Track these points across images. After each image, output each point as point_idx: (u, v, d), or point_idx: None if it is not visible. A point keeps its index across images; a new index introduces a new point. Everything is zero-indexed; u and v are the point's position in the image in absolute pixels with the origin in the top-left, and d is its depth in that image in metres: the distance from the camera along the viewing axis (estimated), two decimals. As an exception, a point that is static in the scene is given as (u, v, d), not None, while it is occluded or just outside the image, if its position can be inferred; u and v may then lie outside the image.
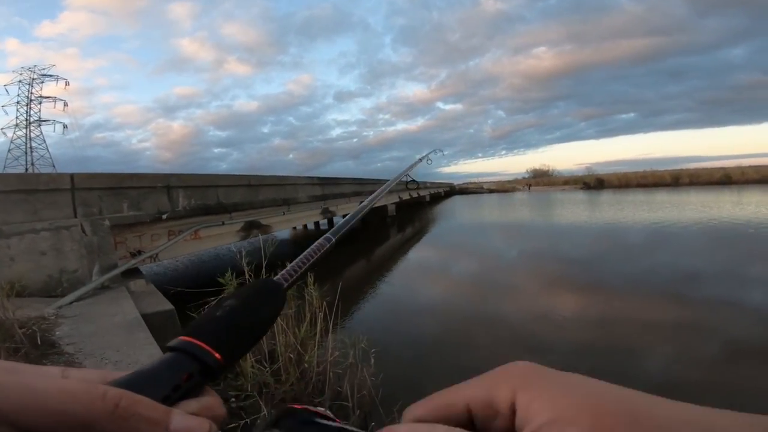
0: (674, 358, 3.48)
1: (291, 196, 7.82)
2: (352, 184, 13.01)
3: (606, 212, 17.01)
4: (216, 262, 8.91)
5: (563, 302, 5.27)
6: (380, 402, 2.46)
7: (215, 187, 5.08)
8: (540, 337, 4.13)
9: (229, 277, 3.33)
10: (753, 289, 5.30)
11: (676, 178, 36.49)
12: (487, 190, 49.05)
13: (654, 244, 9.31)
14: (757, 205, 15.71)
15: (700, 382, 3.00)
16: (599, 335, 4.08)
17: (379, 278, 7.10)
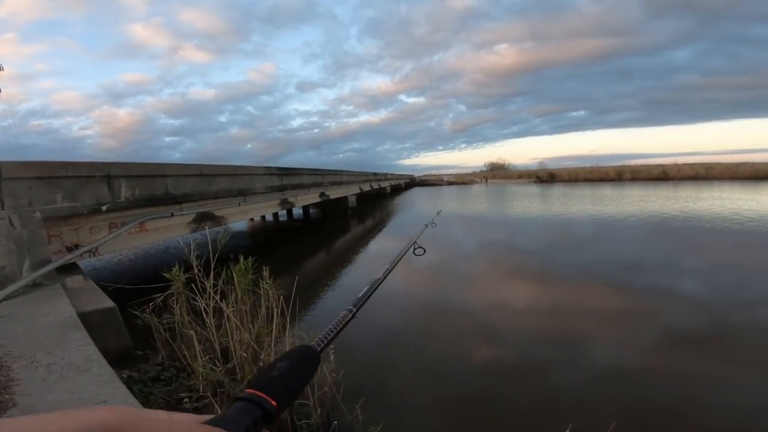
0: (617, 344, 3.71)
1: (247, 186, 7.56)
2: (312, 174, 12.80)
3: (556, 205, 17.96)
4: (164, 255, 8.48)
5: (517, 290, 5.54)
6: (342, 399, 2.43)
7: (163, 176, 4.80)
8: (497, 325, 4.30)
9: (176, 272, 3.16)
10: (681, 277, 5.84)
11: (620, 173, 39.14)
12: (447, 183, 50.10)
13: (596, 235, 9.98)
14: (686, 200, 17.25)
15: (642, 368, 3.20)
16: (550, 323, 4.30)
17: (339, 271, 7.08)
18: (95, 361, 1.86)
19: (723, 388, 2.90)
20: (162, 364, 2.88)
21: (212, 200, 6.16)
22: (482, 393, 2.93)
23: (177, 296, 3.06)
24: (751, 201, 15.98)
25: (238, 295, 3.00)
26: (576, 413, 2.61)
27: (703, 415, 2.59)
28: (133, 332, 3.09)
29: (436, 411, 2.74)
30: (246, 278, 3.23)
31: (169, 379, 2.70)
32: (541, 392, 2.92)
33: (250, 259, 3.33)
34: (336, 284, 6.17)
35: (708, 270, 6.27)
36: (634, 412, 2.64)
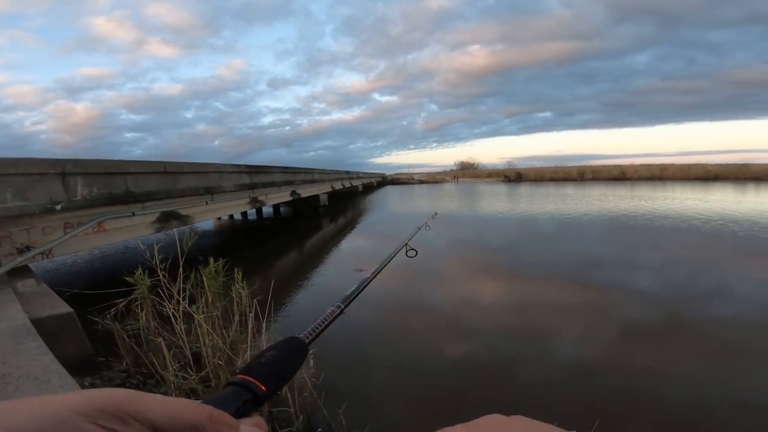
0: (579, 339, 3.88)
1: (215, 184, 7.30)
2: (284, 173, 12.54)
3: (522, 203, 18.54)
4: (124, 257, 8.06)
5: (485, 287, 5.67)
6: (324, 404, 2.37)
7: (123, 174, 4.53)
8: (467, 321, 4.39)
9: (140, 276, 2.99)
10: (635, 272, 6.19)
11: (582, 173, 40.94)
12: (418, 181, 50.58)
13: (559, 233, 10.40)
14: (641, 200, 18.29)
15: (603, 362, 3.37)
16: (517, 319, 4.45)
17: (311, 271, 6.98)
18: (54, 371, 1.73)
19: (675, 379, 3.08)
20: (127, 371, 2.73)
21: (178, 199, 5.90)
22: (462, 389, 2.99)
23: (142, 301, 2.91)
24: (700, 201, 17.13)
25: (208, 299, 2.89)
26: (544, 403, 2.73)
27: (657, 404, 2.75)
28: (94, 339, 2.90)
29: (414, 408, 2.77)
30: (216, 281, 3.11)
31: (135, 386, 2.56)
32: (513, 386, 3.02)
33: (220, 261, 3.21)
34: (309, 284, 6.08)
35: (659, 265, 6.68)
36: (597, 402, 2.76)
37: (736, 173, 35.04)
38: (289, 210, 17.40)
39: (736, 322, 4.12)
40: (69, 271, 7.08)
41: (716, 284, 5.56)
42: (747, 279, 5.74)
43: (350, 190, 28.49)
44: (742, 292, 5.17)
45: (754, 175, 33.87)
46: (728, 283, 5.58)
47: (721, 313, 4.37)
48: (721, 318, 4.24)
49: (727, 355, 3.43)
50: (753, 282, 5.57)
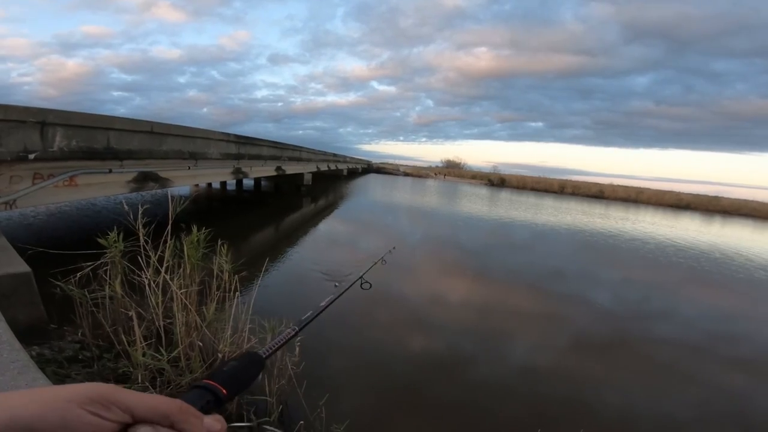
0: (535, 344, 4.09)
1: (201, 150, 6.98)
2: (272, 147, 12.17)
3: (502, 209, 18.80)
4: (100, 217, 7.64)
5: (453, 287, 5.76)
6: (303, 395, 2.26)
7: (107, 129, 4.21)
8: (434, 318, 4.46)
9: (113, 238, 2.77)
10: (596, 289, 6.44)
11: (562, 187, 41.82)
12: (403, 173, 50.47)
13: (532, 242, 10.62)
14: (615, 219, 18.89)
15: (553, 367, 3.58)
16: (480, 320, 4.60)
17: (288, 249, 6.84)
18: (5, 342, 1.56)
19: (619, 388, 3.34)
20: (81, 341, 2.53)
21: (160, 161, 5.60)
22: (421, 387, 3.04)
23: (112, 267, 2.69)
24: (669, 228, 17.84)
25: (186, 270, 2.71)
26: (497, 403, 2.84)
27: (598, 410, 2.96)
28: (49, 303, 2.67)
29: (398, 402, 2.76)
30: (197, 252, 2.92)
31: (89, 359, 2.38)
32: (473, 387, 3.12)
33: (203, 230, 3.01)
34: (287, 262, 5.97)
35: (615, 284, 7.04)
36: (541, 403, 2.97)
37: (706, 205, 36.61)
38: (270, 185, 17.00)
39: (671, 342, 4.46)
40: (38, 226, 6.65)
41: (660, 306, 5.94)
42: (689, 304, 6.16)
43: (335, 173, 28.13)
44: (683, 315, 5.57)
45: (723, 209, 35.53)
46: (671, 306, 5.96)
47: (660, 333, 4.71)
48: (658, 337, 4.57)
49: (661, 371, 3.73)
50: (694, 308, 6.01)
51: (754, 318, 5.85)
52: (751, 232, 21.25)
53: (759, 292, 7.62)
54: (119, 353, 2.36)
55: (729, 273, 8.84)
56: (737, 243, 14.92)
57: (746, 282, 8.18)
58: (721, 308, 6.16)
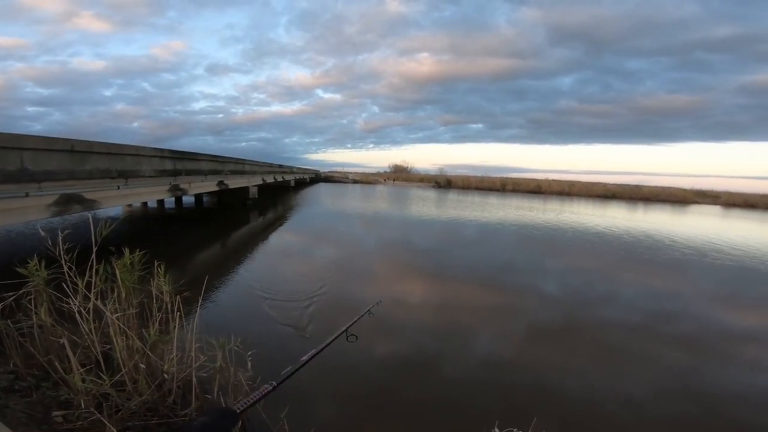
0: (493, 336, 4.27)
1: (132, 168, 6.59)
2: (212, 161, 11.73)
3: (450, 209, 19.53)
4: (19, 242, 6.92)
5: (409, 287, 5.89)
6: (263, 408, 2.26)
7: (18, 149, 3.88)
8: (392, 318, 4.52)
9: (34, 266, 2.57)
10: (544, 279, 6.92)
11: (504, 185, 44.23)
12: (352, 181, 50.56)
13: (480, 239, 11.18)
14: (552, 212, 20.35)
15: (513, 358, 3.76)
16: (438, 316, 4.75)
17: (236, 266, 6.63)
18: None
19: (576, 372, 3.54)
20: (14, 371, 2.35)
21: (85, 181, 5.23)
22: (400, 388, 3.11)
23: (36, 296, 2.51)
24: (597, 217, 19.54)
25: (122, 294, 2.59)
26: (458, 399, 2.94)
27: (560, 394, 3.14)
28: None
29: (361, 406, 2.79)
30: (132, 275, 2.80)
31: (26, 389, 2.22)
32: (437, 384, 3.20)
33: (137, 252, 2.89)
34: (234, 281, 5.78)
35: (560, 272, 7.60)
36: (505, 392, 3.11)
37: (630, 194, 40.52)
38: (213, 200, 16.31)
39: (618, 324, 4.83)
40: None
41: (604, 290, 6.46)
42: (630, 287, 6.73)
43: (282, 184, 27.57)
44: (625, 298, 6.07)
45: (645, 196, 39.50)
46: (614, 290, 6.50)
47: (607, 316, 5.11)
48: (606, 320, 4.95)
49: (613, 353, 4.01)
50: (635, 290, 6.56)
51: (687, 295, 6.42)
52: (671, 216, 23.79)
53: (688, 270, 8.39)
54: (57, 381, 2.22)
55: (660, 255, 9.85)
56: (662, 227, 16.64)
57: (675, 262, 9.06)
58: (658, 288, 6.68)
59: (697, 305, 5.89)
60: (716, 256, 9.82)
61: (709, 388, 3.44)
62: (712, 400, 3.23)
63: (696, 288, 6.97)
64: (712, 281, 7.49)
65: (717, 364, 3.94)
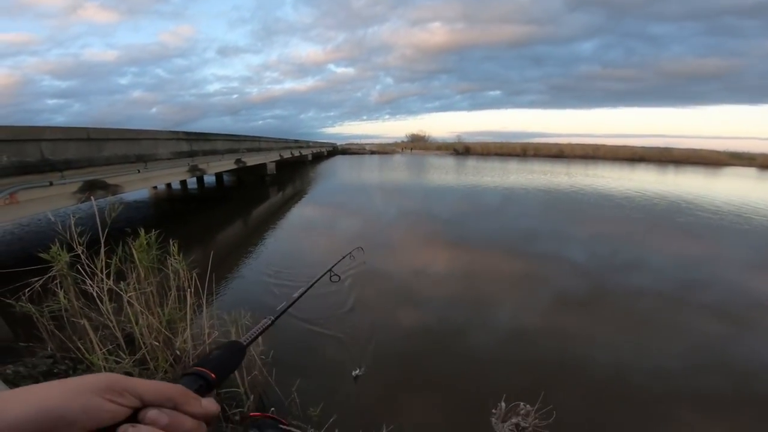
0: (518, 307, 4.21)
1: (149, 152, 6.76)
2: (227, 140, 11.86)
3: (468, 176, 19.21)
4: (41, 231, 7.34)
5: (433, 257, 5.90)
6: (276, 382, 2.34)
7: (37, 140, 4.04)
8: (417, 290, 4.58)
9: (56, 251, 2.73)
10: (570, 246, 6.77)
11: (524, 150, 42.95)
12: (369, 152, 50.17)
13: (502, 205, 10.99)
14: (575, 176, 19.71)
15: (539, 328, 3.71)
16: (462, 288, 4.73)
17: (257, 242, 6.84)
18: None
19: (605, 343, 3.47)
20: (53, 356, 2.56)
21: (104, 167, 5.42)
22: (413, 358, 3.17)
23: (61, 279, 2.69)
24: (625, 180, 18.81)
25: (140, 274, 2.73)
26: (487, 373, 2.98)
27: (587, 367, 3.09)
28: (12, 323, 2.67)
29: (372, 383, 2.85)
30: (149, 255, 2.93)
31: (64, 372, 2.42)
32: (462, 357, 3.22)
33: (153, 232, 3.01)
34: (255, 256, 5.97)
35: (587, 239, 7.37)
36: (534, 366, 3.07)
37: (659, 156, 38.72)
38: (233, 179, 16.63)
39: (647, 292, 4.67)
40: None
41: (633, 257, 6.23)
42: (661, 254, 6.48)
43: (299, 159, 27.70)
44: (656, 265, 5.82)
45: (675, 159, 37.74)
46: (644, 257, 6.24)
47: (636, 284, 4.93)
48: (636, 288, 4.78)
49: (642, 323, 3.87)
50: (666, 257, 6.30)
51: (725, 262, 6.00)
52: (705, 178, 22.62)
53: (725, 236, 7.88)
54: (90, 363, 2.40)
55: (693, 219, 9.37)
56: (697, 190, 15.87)
57: (711, 227, 8.57)
58: (691, 256, 6.33)
59: (734, 273, 5.53)
60: (758, 221, 9.27)
61: (745, 361, 3.25)
62: (747, 375, 3.05)
63: (734, 254, 6.54)
64: (752, 247, 6.99)
65: (755, 337, 3.70)
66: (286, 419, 1.84)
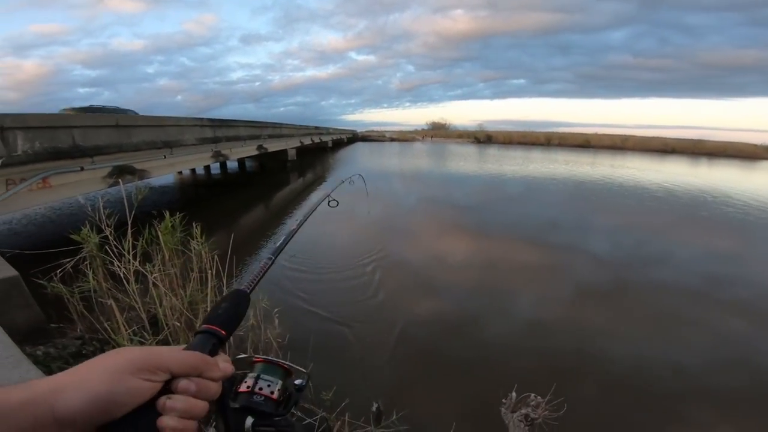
0: (537, 298, 4.18)
1: (174, 138, 6.94)
2: (250, 127, 12.02)
3: (489, 164, 18.87)
4: (72, 214, 7.68)
5: (453, 247, 5.88)
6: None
7: (68, 127, 4.21)
8: (436, 279, 4.58)
9: (86, 233, 2.84)
10: (593, 237, 6.62)
11: (549, 139, 41.78)
12: (389, 139, 49.87)
13: (524, 195, 10.78)
14: (603, 166, 19.08)
15: (557, 319, 3.68)
16: (482, 277, 4.72)
17: (277, 226, 6.96)
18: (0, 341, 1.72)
19: (624, 337, 3.40)
20: (81, 337, 2.68)
21: (132, 153, 5.60)
22: (428, 347, 3.18)
23: (90, 261, 2.81)
24: (655, 172, 18.08)
25: (165, 256, 2.83)
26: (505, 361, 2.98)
27: (606, 359, 3.04)
28: (44, 304, 2.79)
29: (382, 366, 2.90)
30: (174, 237, 3.02)
31: (92, 353, 2.53)
32: (482, 344, 3.24)
33: (177, 215, 3.09)
34: (274, 240, 6.08)
35: (611, 231, 7.16)
36: (548, 357, 3.05)
37: (691, 148, 36.98)
38: (255, 164, 16.90)
39: (670, 287, 4.54)
40: (16, 231, 6.70)
41: (656, 250, 6.04)
42: (684, 247, 6.26)
43: (320, 145, 27.82)
44: (680, 258, 5.64)
45: (708, 151, 35.95)
46: (667, 249, 6.06)
47: (659, 278, 4.80)
48: (658, 283, 4.66)
49: (664, 318, 3.77)
50: (692, 250, 6.09)
51: (757, 259, 5.78)
52: (740, 172, 21.48)
53: (758, 232, 7.56)
54: (116, 344, 2.51)
55: (726, 214, 8.99)
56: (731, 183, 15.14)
57: (744, 222, 8.21)
58: (719, 251, 6.11)
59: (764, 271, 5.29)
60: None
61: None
62: None
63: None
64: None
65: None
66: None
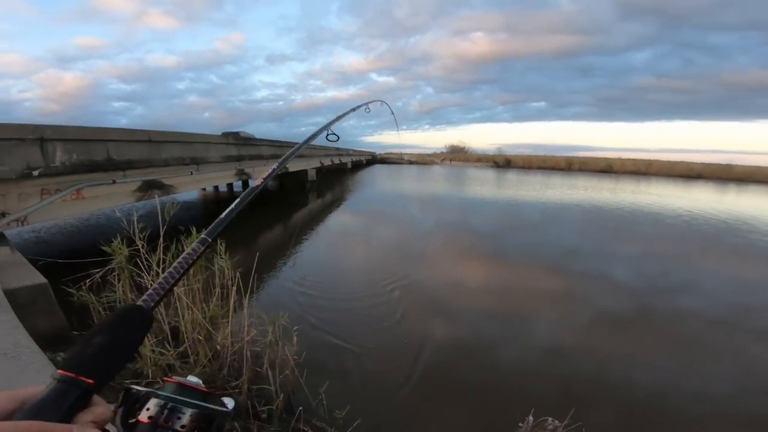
0: (556, 324, 4.07)
1: (201, 155, 7.13)
2: (271, 146, 12.31)
3: (509, 190, 18.71)
4: (103, 226, 7.89)
5: (470, 272, 5.78)
6: (305, 383, 2.37)
7: (104, 141, 4.37)
8: (452, 304, 4.50)
9: (117, 245, 2.90)
10: (613, 264, 6.39)
11: (569, 163, 41.27)
12: (408, 162, 50.29)
13: (543, 221, 10.58)
14: (625, 192, 18.67)
15: (576, 346, 3.57)
16: (500, 303, 4.61)
17: (296, 246, 6.97)
18: (25, 346, 1.71)
19: (646, 365, 3.28)
20: None
21: (162, 168, 5.76)
22: (443, 370, 3.10)
23: (119, 272, 2.85)
24: (679, 198, 17.56)
25: (190, 271, 2.82)
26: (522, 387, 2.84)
27: (626, 387, 2.93)
28: (68, 311, 2.84)
29: (398, 388, 2.82)
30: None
31: None
32: (498, 368, 3.15)
33: (204, 231, 3.12)
34: (293, 259, 6.08)
35: (633, 258, 6.94)
36: (567, 382, 2.95)
37: (719, 173, 35.81)
38: (275, 183, 17.17)
39: (694, 315, 4.38)
40: (45, 240, 6.91)
41: (677, 279, 5.82)
42: (710, 275, 5.99)
43: (339, 166, 28.22)
44: (705, 286, 5.44)
45: (737, 177, 34.70)
46: (687, 278, 5.85)
47: (682, 306, 4.63)
48: (682, 311, 4.50)
49: (687, 346, 3.66)
50: (717, 279, 5.85)
51: None
52: None
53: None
54: (138, 354, 2.51)
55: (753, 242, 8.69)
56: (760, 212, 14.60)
57: None
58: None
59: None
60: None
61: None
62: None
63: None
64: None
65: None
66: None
